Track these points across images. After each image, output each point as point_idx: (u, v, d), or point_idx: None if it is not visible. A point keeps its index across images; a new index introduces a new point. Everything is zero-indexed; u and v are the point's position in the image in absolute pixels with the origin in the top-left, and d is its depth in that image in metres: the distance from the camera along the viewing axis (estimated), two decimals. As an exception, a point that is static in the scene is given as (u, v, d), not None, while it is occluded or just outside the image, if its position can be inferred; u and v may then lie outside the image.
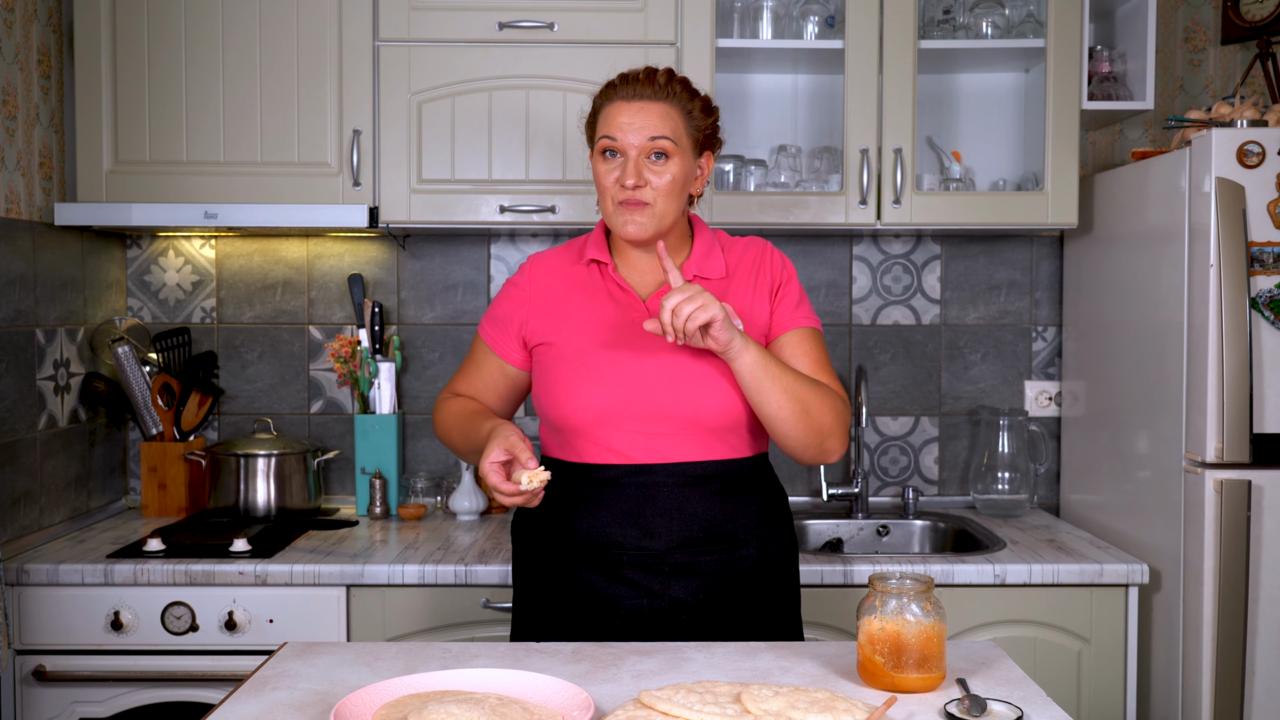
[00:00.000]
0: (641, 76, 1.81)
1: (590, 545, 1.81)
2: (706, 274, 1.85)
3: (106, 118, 2.64)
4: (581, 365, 1.80)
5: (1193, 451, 2.33)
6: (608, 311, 1.83)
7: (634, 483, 1.79)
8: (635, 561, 1.79)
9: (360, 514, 2.88)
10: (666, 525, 1.79)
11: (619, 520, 1.79)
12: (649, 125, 1.77)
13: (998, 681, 1.55)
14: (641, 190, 1.78)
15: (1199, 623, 2.30)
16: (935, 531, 2.87)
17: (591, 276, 1.87)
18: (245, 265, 3.02)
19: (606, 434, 1.79)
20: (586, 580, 1.81)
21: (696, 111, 1.83)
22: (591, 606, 1.81)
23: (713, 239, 1.90)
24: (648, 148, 1.77)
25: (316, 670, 1.58)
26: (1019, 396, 3.06)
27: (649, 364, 1.78)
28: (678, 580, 1.79)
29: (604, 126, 1.81)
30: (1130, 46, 2.77)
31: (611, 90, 1.82)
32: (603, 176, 1.81)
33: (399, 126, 2.64)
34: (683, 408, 1.77)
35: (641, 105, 1.79)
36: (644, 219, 1.79)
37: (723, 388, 1.77)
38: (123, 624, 2.33)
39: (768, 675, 1.56)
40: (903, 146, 2.65)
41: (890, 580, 1.52)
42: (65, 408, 2.71)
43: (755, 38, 2.75)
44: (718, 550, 1.81)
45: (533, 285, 1.90)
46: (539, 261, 1.94)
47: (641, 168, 1.78)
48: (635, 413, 1.77)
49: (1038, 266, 3.06)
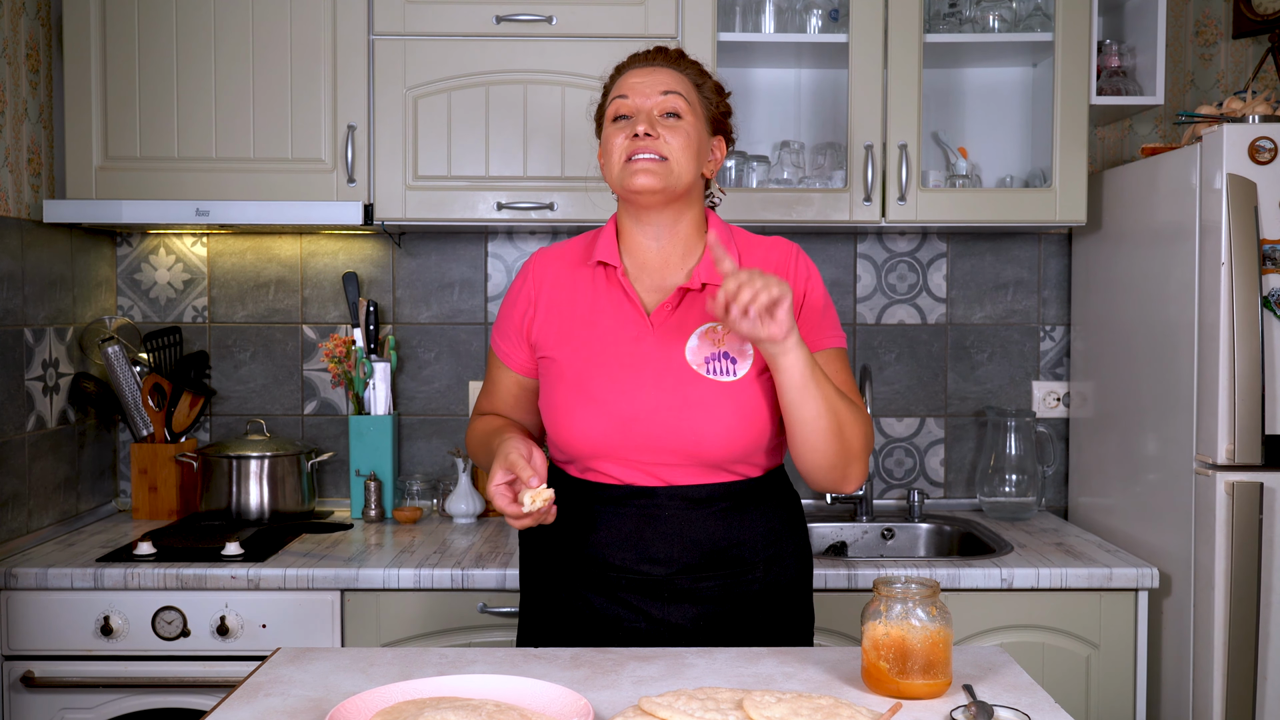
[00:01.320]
0: (652, 52, 1.83)
1: (591, 563, 1.78)
2: (718, 279, 1.76)
3: (96, 113, 2.64)
4: (581, 391, 1.75)
5: (1203, 453, 2.33)
6: (611, 328, 1.78)
7: (635, 504, 1.76)
8: (634, 585, 1.76)
9: (355, 517, 2.88)
10: (667, 550, 1.75)
11: (619, 542, 1.76)
12: (661, 82, 1.77)
13: (1005, 688, 1.55)
14: (655, 142, 1.74)
15: (1210, 628, 2.29)
16: (941, 535, 2.86)
17: (597, 281, 1.82)
18: (238, 263, 3.02)
19: (605, 463, 1.76)
20: (586, 599, 1.79)
21: (708, 88, 1.83)
22: (591, 624, 1.79)
23: (729, 238, 1.83)
24: (661, 104, 1.76)
25: (310, 676, 1.58)
26: (1026, 397, 3.06)
27: (650, 393, 1.72)
28: (677, 606, 1.76)
29: (617, 88, 1.80)
30: (1140, 40, 2.77)
31: (622, 67, 1.84)
32: (612, 138, 1.77)
33: (394, 122, 2.64)
34: (684, 442, 1.72)
35: (653, 69, 1.80)
36: (657, 169, 1.73)
37: (726, 422, 1.71)
38: (113, 629, 2.32)
39: (770, 681, 1.55)
40: (908, 142, 2.65)
41: (895, 584, 1.52)
42: (54, 409, 2.71)
43: (757, 31, 2.75)
44: (721, 575, 1.77)
45: (538, 285, 1.86)
46: (544, 258, 1.89)
47: (655, 121, 1.75)
48: (635, 445, 1.73)
49: (1046, 265, 3.06)
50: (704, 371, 1.73)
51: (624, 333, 1.77)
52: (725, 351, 1.74)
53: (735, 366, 1.73)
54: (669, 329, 1.76)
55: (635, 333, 1.77)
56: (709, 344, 1.74)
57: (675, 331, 1.76)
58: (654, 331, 1.76)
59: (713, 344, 1.74)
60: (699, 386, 1.72)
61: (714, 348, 1.74)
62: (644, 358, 1.75)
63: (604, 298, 1.81)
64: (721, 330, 1.74)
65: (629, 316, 1.78)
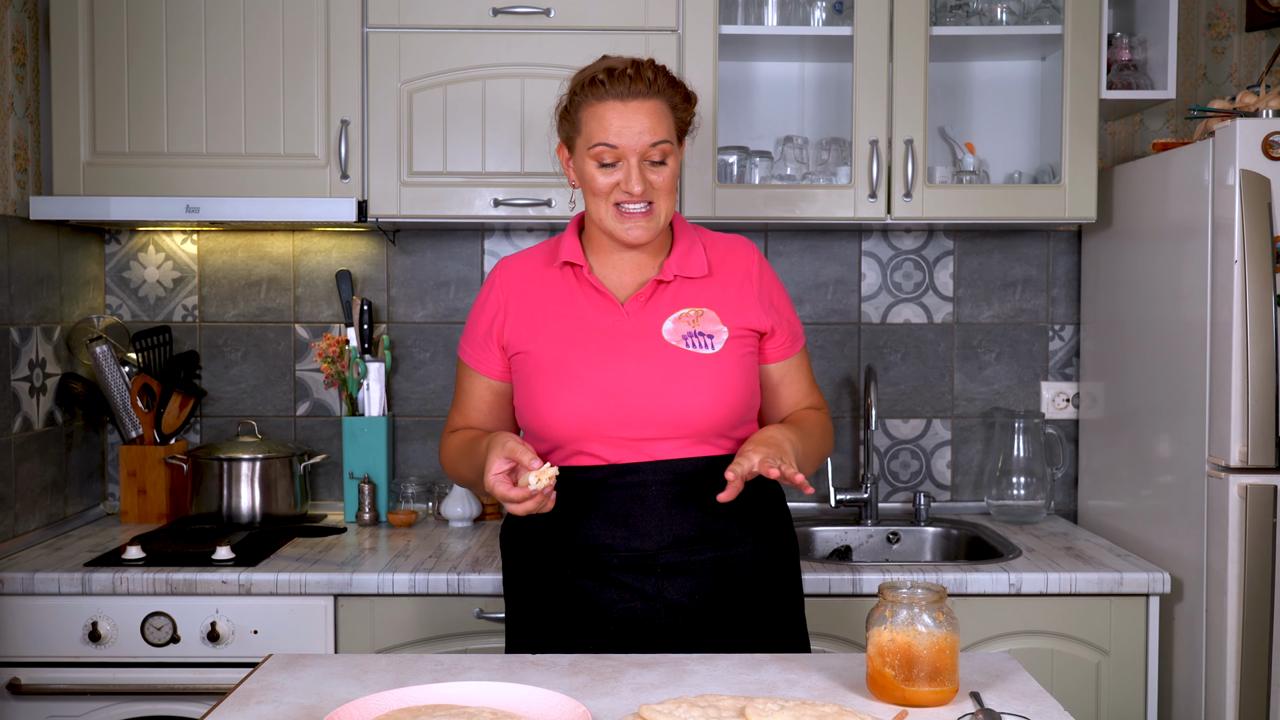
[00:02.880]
0: (630, 73, 1.79)
1: (580, 550, 1.82)
2: (688, 272, 1.87)
3: (84, 108, 2.64)
4: (561, 373, 1.81)
5: (1216, 455, 2.33)
6: (585, 316, 1.85)
7: (621, 483, 1.81)
8: (626, 563, 1.80)
9: (348, 520, 2.88)
10: (657, 525, 1.80)
11: (607, 522, 1.81)
12: (647, 129, 1.79)
13: (1013, 695, 1.55)
14: (644, 191, 1.80)
15: (1223, 634, 2.29)
16: (948, 539, 2.86)
17: (566, 280, 1.88)
18: (228, 261, 3.02)
19: (591, 444, 1.81)
20: (578, 586, 1.82)
21: (680, 103, 1.86)
22: (584, 613, 1.82)
23: (694, 236, 1.92)
24: (650, 153, 1.80)
25: (303, 684, 1.58)
26: (1035, 398, 3.06)
27: (631, 369, 1.80)
28: (671, 580, 1.80)
29: (598, 131, 1.80)
30: (1151, 33, 2.77)
31: (600, 89, 1.80)
32: (596, 180, 1.82)
33: (389, 117, 2.64)
34: (669, 413, 1.79)
35: (637, 105, 1.79)
36: (648, 223, 1.82)
37: (710, 390, 1.80)
38: (101, 635, 2.32)
39: (773, 688, 1.55)
40: (914, 138, 2.65)
41: (901, 589, 1.52)
42: (41, 410, 2.71)
43: (760, 24, 2.75)
44: (711, 549, 1.82)
45: (506, 290, 1.91)
46: (509, 266, 1.94)
47: (645, 171, 1.80)
48: (620, 420, 1.79)
49: (1055, 262, 3.06)
50: (683, 346, 1.82)
51: (599, 320, 1.85)
52: (700, 330, 1.84)
53: (713, 341, 1.84)
54: (644, 315, 1.84)
55: (611, 320, 1.84)
56: (685, 324, 1.84)
57: (650, 316, 1.84)
58: (629, 318, 1.84)
59: (689, 324, 1.84)
60: (681, 358, 1.81)
61: (690, 327, 1.84)
62: (622, 338, 1.82)
63: (575, 294, 1.88)
64: (694, 314, 1.84)
65: (602, 307, 1.86)
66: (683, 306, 1.85)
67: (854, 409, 3.05)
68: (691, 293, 1.87)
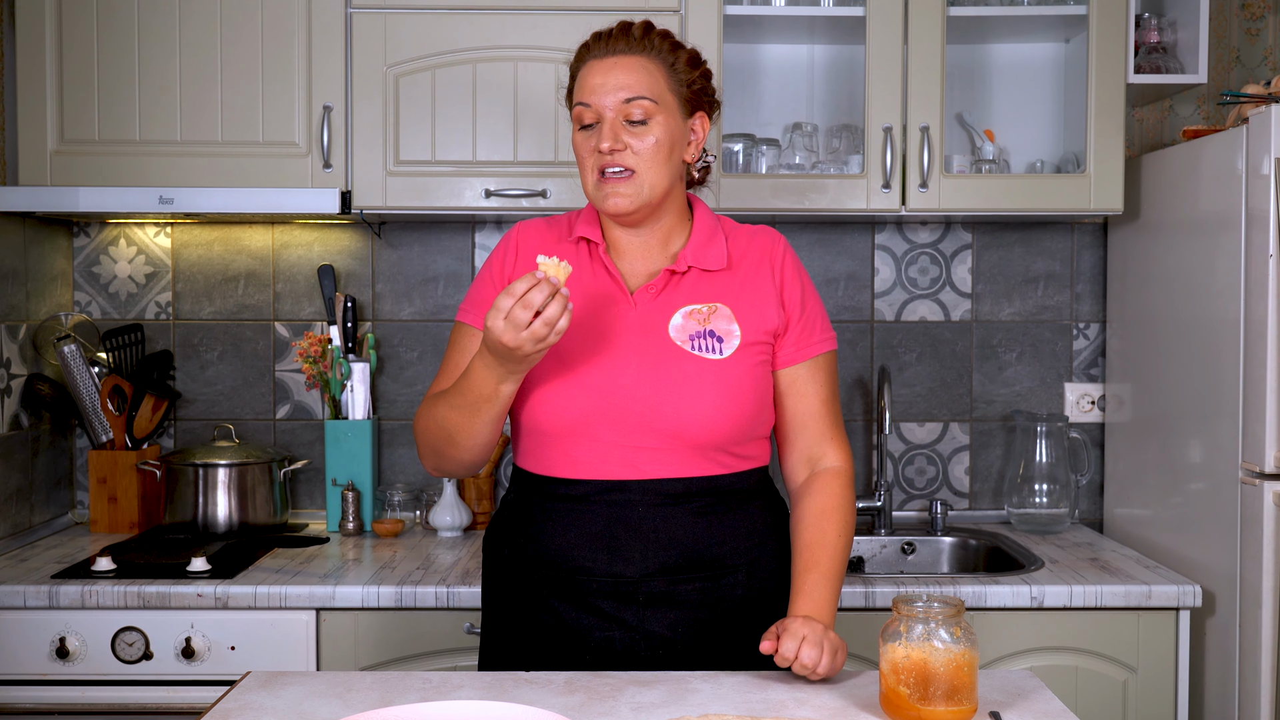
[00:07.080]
0: (615, 31, 1.80)
1: (557, 569, 1.78)
2: (704, 264, 1.82)
3: (51, 93, 2.64)
4: (559, 363, 1.77)
5: (1250, 461, 2.33)
6: (591, 300, 1.81)
7: (605, 500, 1.76)
8: (606, 589, 1.76)
9: (331, 530, 2.89)
10: (641, 549, 1.76)
11: (588, 542, 1.77)
12: (623, 84, 1.76)
13: (1035, 715, 1.55)
14: (621, 154, 1.75)
15: (1256, 649, 2.30)
16: (966, 549, 2.87)
17: (580, 257, 1.85)
18: (204, 255, 3.02)
19: (580, 444, 1.76)
20: (553, 609, 1.79)
21: (681, 65, 1.81)
22: (559, 637, 1.79)
23: (715, 224, 1.87)
24: (624, 110, 1.76)
25: (283, 703, 1.58)
26: (1058, 400, 3.07)
27: (632, 367, 1.76)
28: (653, 611, 1.76)
29: (577, 91, 1.81)
30: (1181, 14, 2.77)
31: (585, 51, 1.82)
32: (581, 146, 1.80)
33: (374, 102, 2.64)
34: (667, 420, 1.74)
35: (615, 61, 1.78)
36: (628, 189, 1.76)
37: (711, 399, 1.74)
38: (69, 651, 2.33)
39: (780, 708, 1.56)
40: (930, 124, 2.65)
41: (916, 603, 1.52)
42: (6, 413, 2.71)
43: (767, 4, 2.75)
44: (700, 578, 1.77)
45: (519, 256, 1.87)
46: (527, 230, 1.91)
47: (619, 130, 1.76)
48: (615, 422, 1.75)
49: (1079, 257, 3.06)
50: (689, 348, 1.77)
51: (606, 308, 1.81)
52: (711, 330, 1.79)
53: (721, 345, 1.78)
54: (653, 308, 1.80)
55: (618, 310, 1.81)
56: (694, 322, 1.79)
57: (659, 310, 1.80)
58: (636, 309, 1.80)
59: (698, 322, 1.79)
60: (683, 362, 1.76)
61: (700, 325, 1.79)
62: (626, 332, 1.78)
63: (586, 273, 1.84)
64: (706, 310, 1.79)
65: (611, 293, 1.82)
66: (695, 301, 1.80)
67: (867, 411, 3.05)
68: (706, 287, 1.82)
